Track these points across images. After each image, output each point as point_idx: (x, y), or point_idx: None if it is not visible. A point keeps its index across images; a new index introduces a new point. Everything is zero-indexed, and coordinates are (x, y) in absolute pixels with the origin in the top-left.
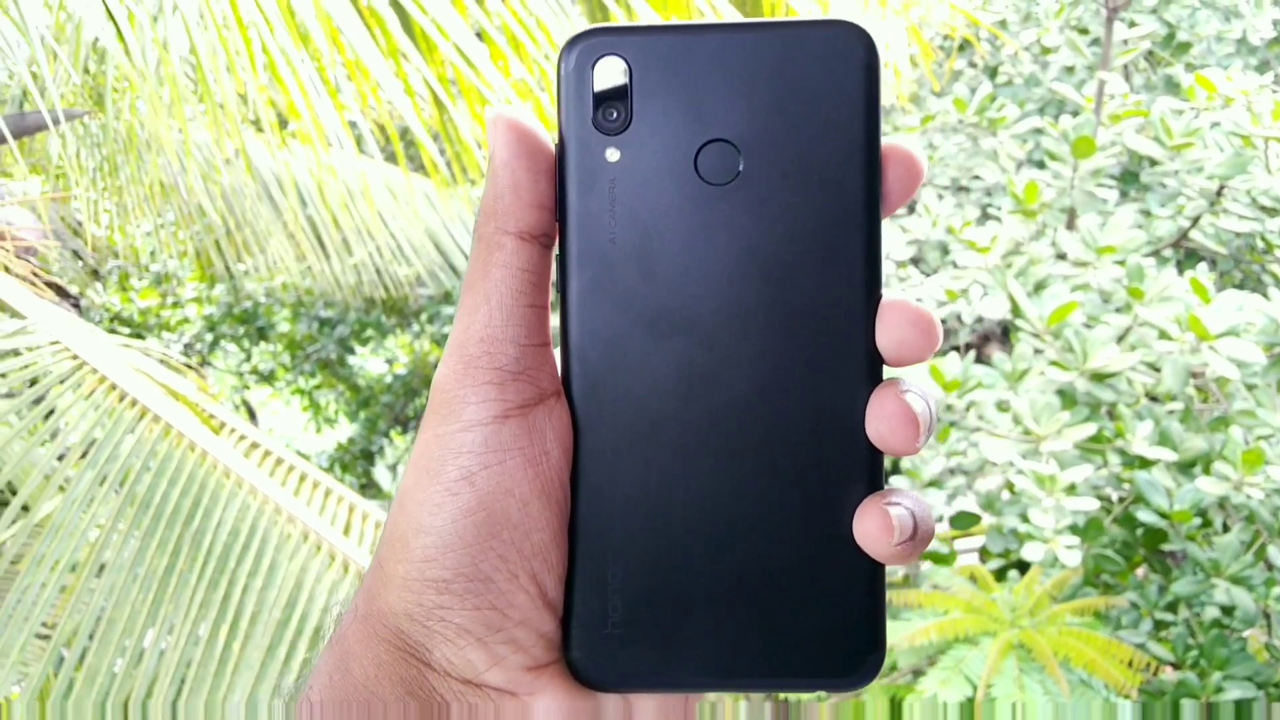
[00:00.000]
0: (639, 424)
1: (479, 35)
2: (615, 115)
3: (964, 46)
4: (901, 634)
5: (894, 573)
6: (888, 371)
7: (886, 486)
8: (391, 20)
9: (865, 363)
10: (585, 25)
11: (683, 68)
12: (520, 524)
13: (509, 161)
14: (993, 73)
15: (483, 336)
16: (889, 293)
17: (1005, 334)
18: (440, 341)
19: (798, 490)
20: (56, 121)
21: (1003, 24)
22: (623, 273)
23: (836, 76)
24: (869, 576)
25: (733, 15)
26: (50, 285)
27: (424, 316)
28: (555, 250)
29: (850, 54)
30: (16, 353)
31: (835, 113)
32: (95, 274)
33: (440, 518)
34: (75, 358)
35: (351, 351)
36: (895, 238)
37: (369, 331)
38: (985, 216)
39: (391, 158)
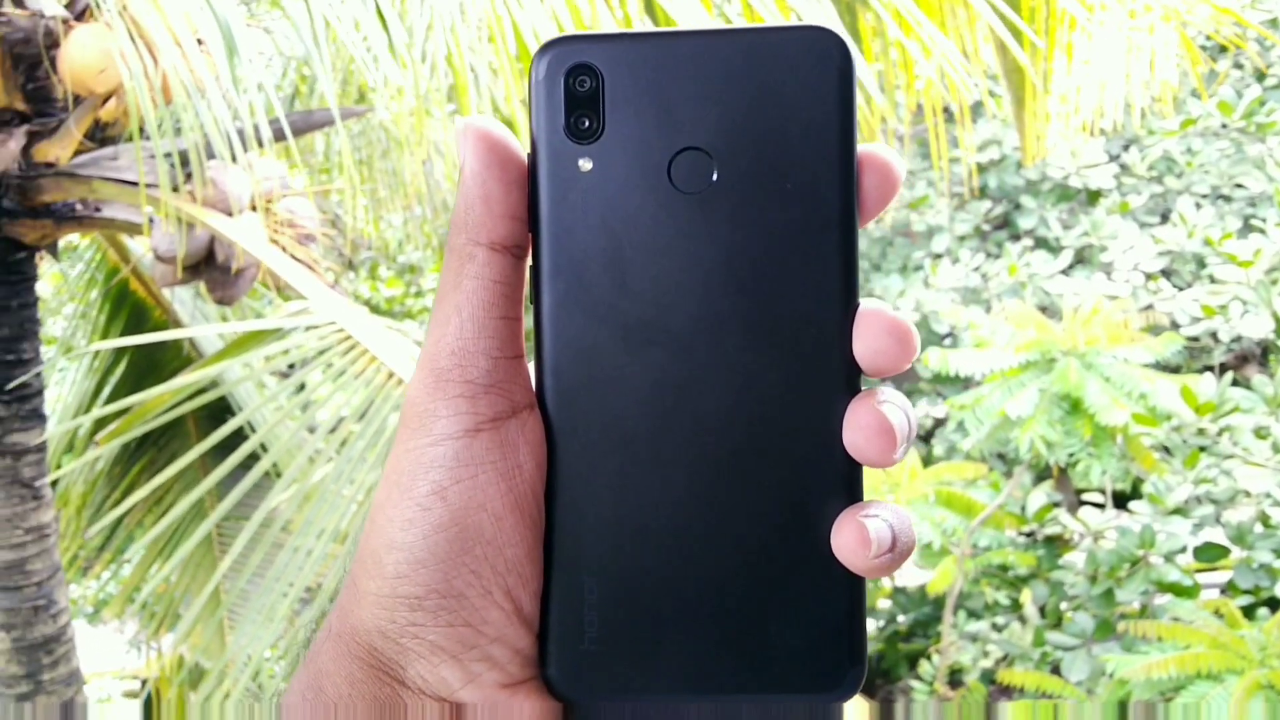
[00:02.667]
0: (614, 436)
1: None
2: (587, 124)
3: (1229, 48)
4: (1138, 665)
5: (1129, 602)
6: (867, 382)
7: (866, 499)
8: (634, 7)
9: (842, 373)
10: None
11: (656, 75)
12: (493, 539)
13: (480, 172)
14: (1261, 75)
15: (454, 349)
16: (866, 301)
17: (1265, 355)
18: None
19: (775, 502)
20: (341, 119)
21: (1273, 23)
22: (596, 283)
23: (811, 83)
24: (848, 590)
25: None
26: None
27: None
28: (529, 261)
29: (825, 60)
30: (282, 333)
31: (810, 119)
32: (349, 264)
33: (412, 533)
34: (349, 337)
35: None
36: (1146, 248)
37: None
38: (1248, 228)
39: None
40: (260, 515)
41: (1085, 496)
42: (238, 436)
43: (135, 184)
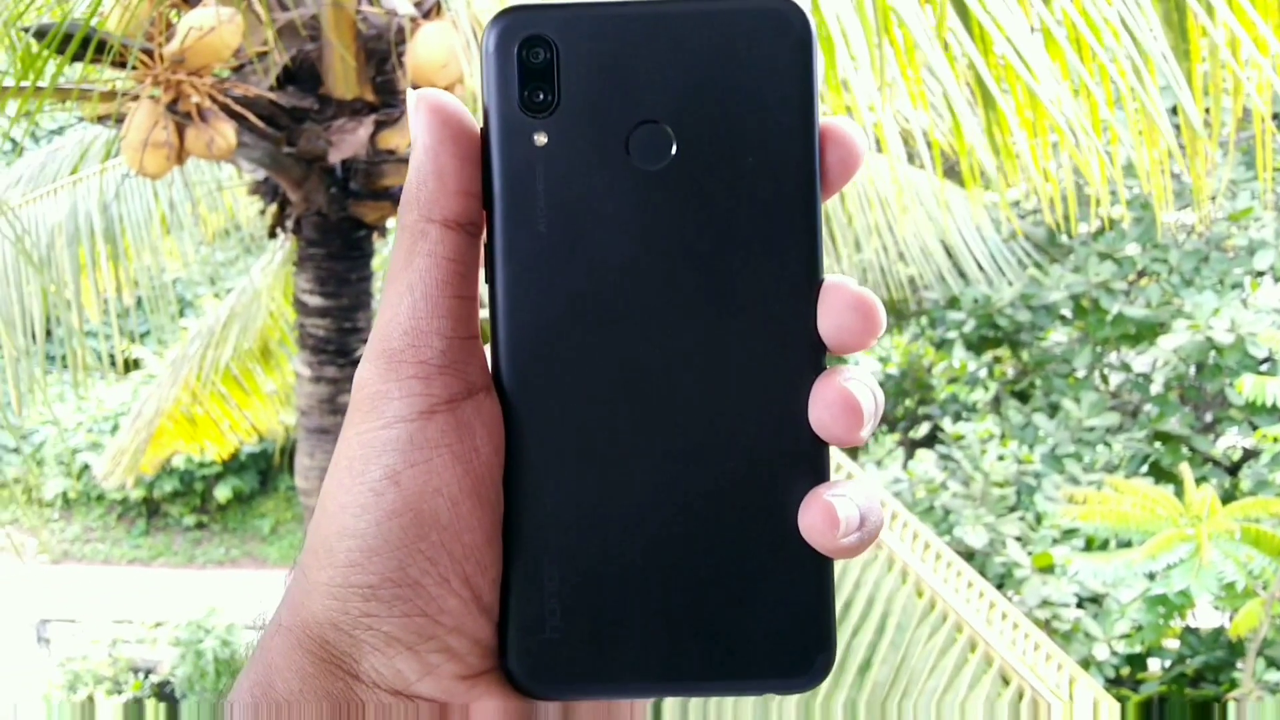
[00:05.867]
0: (573, 418)
1: (1041, 32)
2: (542, 97)
3: None
4: None
5: None
6: (833, 361)
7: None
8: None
9: (807, 350)
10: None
11: (612, 46)
12: (450, 525)
13: (432, 146)
14: None
15: (407, 329)
16: (830, 277)
17: None
18: (941, 346)
19: (740, 484)
20: None
21: None
22: (553, 261)
23: (772, 55)
24: (816, 572)
25: None
26: None
27: (924, 320)
28: (483, 239)
29: (786, 32)
30: None
31: (771, 92)
32: None
33: (364, 520)
34: None
35: None
36: None
37: None
38: None
39: (912, 158)
40: None
41: None
42: None
43: None
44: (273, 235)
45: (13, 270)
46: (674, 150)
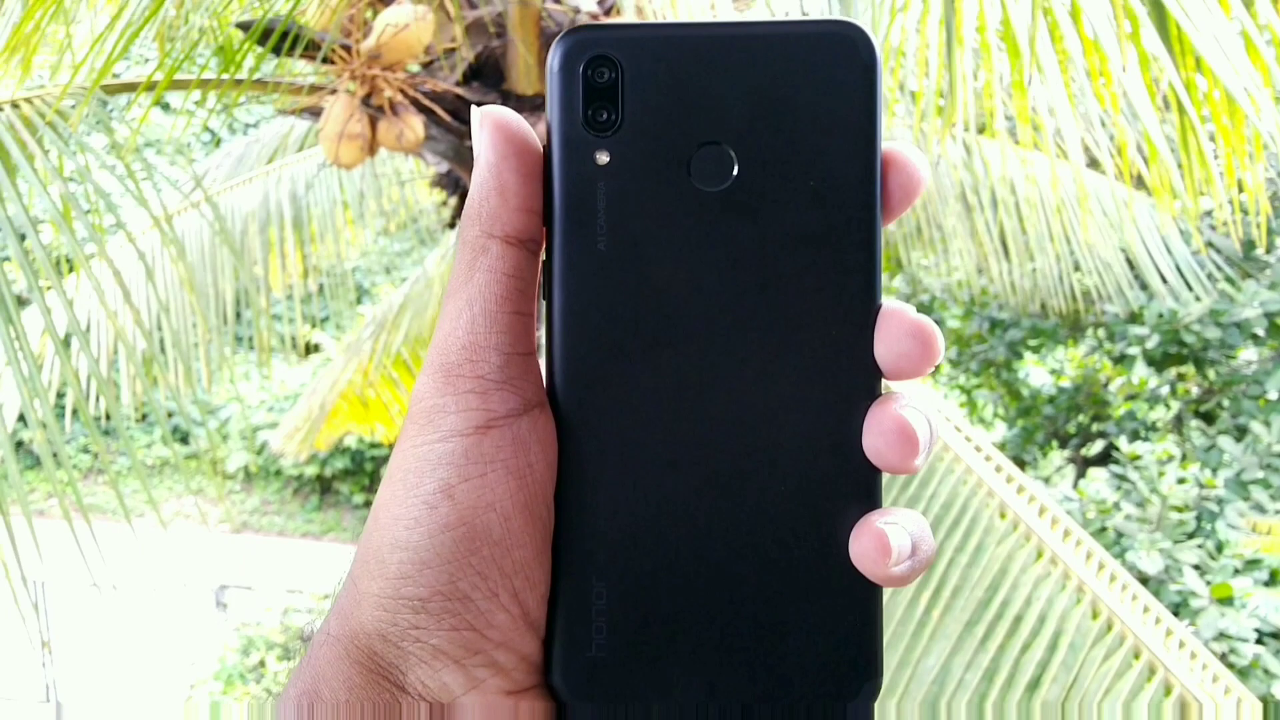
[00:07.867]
0: (627, 437)
1: (1242, 37)
2: (605, 116)
3: None
4: None
5: None
6: (888, 386)
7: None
8: (1144, 22)
9: (863, 376)
10: None
11: (676, 68)
12: (501, 540)
13: (495, 163)
14: None
15: (465, 344)
16: (888, 302)
17: None
18: (1120, 361)
19: (792, 508)
20: None
21: None
22: (611, 280)
23: (836, 79)
24: (866, 599)
25: None
26: None
27: (1101, 333)
28: (542, 256)
29: (850, 56)
30: None
31: (834, 116)
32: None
33: (417, 532)
34: None
35: (1019, 357)
36: None
37: (1040, 339)
38: None
39: (1093, 164)
40: None
41: None
42: None
43: None
44: (452, 225)
45: (209, 254)
46: (735, 172)
